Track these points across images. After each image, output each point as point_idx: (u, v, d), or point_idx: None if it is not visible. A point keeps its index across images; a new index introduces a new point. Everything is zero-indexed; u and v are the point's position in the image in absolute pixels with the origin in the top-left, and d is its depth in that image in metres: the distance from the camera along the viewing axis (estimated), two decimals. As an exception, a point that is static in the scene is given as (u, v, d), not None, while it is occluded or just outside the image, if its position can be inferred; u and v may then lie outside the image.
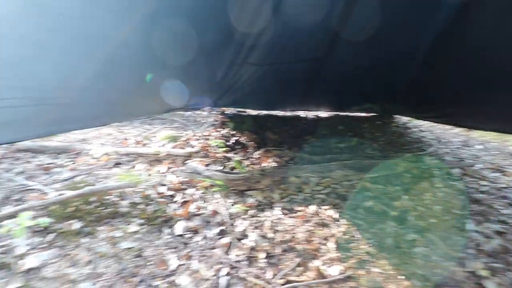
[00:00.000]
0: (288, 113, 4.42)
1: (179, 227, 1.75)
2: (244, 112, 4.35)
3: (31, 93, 1.19)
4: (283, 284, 1.37)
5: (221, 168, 2.35)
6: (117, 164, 2.43)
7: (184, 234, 1.71)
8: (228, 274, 1.44)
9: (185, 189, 2.14)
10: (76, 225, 1.65)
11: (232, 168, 2.37)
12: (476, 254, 1.58)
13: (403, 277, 1.42)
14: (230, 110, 4.29)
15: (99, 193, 1.90)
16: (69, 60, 1.25)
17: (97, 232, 1.65)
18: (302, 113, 4.50)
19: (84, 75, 1.29)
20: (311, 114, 4.50)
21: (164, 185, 2.16)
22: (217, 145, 2.80)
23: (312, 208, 1.95)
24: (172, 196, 2.06)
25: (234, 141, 3.11)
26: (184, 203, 1.96)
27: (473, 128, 2.96)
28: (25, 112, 1.19)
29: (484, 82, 2.25)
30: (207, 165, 2.41)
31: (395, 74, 2.96)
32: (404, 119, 4.03)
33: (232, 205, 1.96)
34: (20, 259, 1.41)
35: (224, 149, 2.75)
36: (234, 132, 3.36)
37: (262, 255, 1.55)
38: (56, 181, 2.08)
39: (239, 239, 1.67)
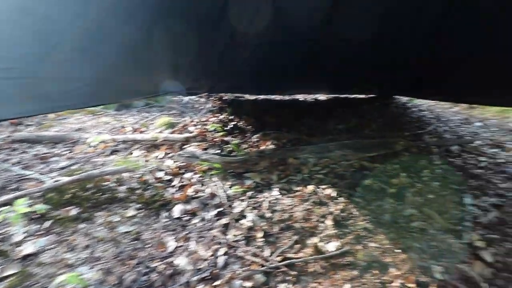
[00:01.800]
0: (287, 97, 4.39)
1: (177, 210, 1.76)
2: (242, 97, 4.33)
3: (11, 64, 1.15)
4: (280, 261, 1.38)
5: (219, 151, 2.34)
6: (114, 152, 2.43)
7: (182, 217, 1.72)
8: (225, 253, 1.45)
9: (183, 173, 2.14)
10: (73, 211, 1.66)
11: (230, 152, 2.36)
12: (473, 227, 1.58)
13: (399, 250, 1.43)
14: (228, 96, 4.27)
15: (96, 179, 1.90)
16: (52, 29, 1.20)
17: (95, 217, 1.66)
18: (300, 97, 4.46)
19: (68, 47, 1.25)
20: (310, 97, 4.46)
21: (162, 170, 2.16)
22: (215, 130, 2.79)
23: (310, 188, 1.94)
24: (170, 180, 2.06)
25: (232, 125, 3.10)
26: (182, 187, 1.97)
27: (474, 103, 2.92)
28: (6, 85, 1.15)
29: (485, 56, 2.20)
30: (205, 149, 2.40)
31: (394, 53, 2.89)
32: (404, 99, 3.99)
33: (230, 187, 1.96)
34: (17, 246, 1.42)
35: (222, 133, 2.74)
36: (232, 117, 3.34)
37: (259, 234, 1.55)
38: (53, 170, 2.08)
39: (237, 220, 1.68)
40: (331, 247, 1.46)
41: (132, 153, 2.43)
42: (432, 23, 2.48)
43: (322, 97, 4.38)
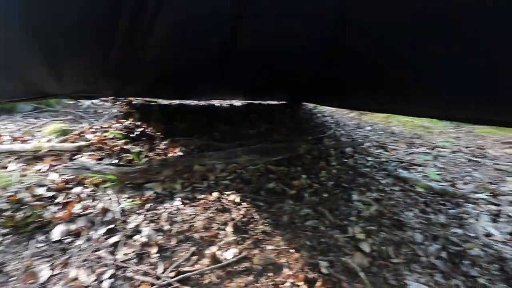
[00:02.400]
0: (202, 102, 4.32)
1: (57, 231, 1.52)
2: (155, 101, 4.10)
3: None
4: (174, 277, 1.30)
5: (116, 161, 2.13)
6: (-20, 166, 1.99)
7: (63, 239, 1.49)
8: (112, 276, 1.30)
9: (71, 188, 1.87)
10: None
11: (130, 161, 2.17)
12: (356, 221, 1.77)
13: (293, 250, 1.50)
14: (138, 100, 3.99)
15: None
16: None
17: None
18: (216, 102, 4.45)
19: None
20: (225, 103, 4.48)
21: (43, 185, 1.86)
22: (115, 137, 2.54)
23: (215, 195, 1.91)
24: (52, 197, 1.78)
25: (138, 132, 2.87)
26: (67, 203, 1.71)
27: (366, 110, 3.32)
28: None
29: (372, 69, 2.50)
30: (99, 159, 2.16)
31: (295, 62, 3.10)
32: (311, 105, 4.33)
33: (126, 200, 1.79)
34: None
35: (123, 141, 2.51)
36: (140, 123, 3.12)
37: (154, 249, 1.44)
38: None
39: (130, 236, 1.53)
40: (229, 254, 1.45)
41: (6, 167, 2.03)
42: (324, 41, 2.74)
43: (237, 103, 4.45)
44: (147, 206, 1.76)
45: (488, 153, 3.01)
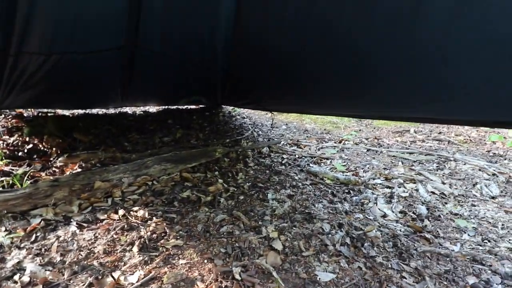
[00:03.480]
0: (112, 110, 3.94)
1: None
2: (52, 112, 3.58)
3: None
4: (64, 317, 1.11)
5: (-10, 188, 1.76)
6: None
7: None
8: (-22, 332, 1.05)
9: None
10: None
11: (11, 186, 1.82)
12: (270, 220, 1.80)
13: (207, 260, 1.44)
14: (29, 112, 3.42)
15: None
16: None
17: None
18: (129, 109, 4.12)
19: None
20: (139, 109, 4.18)
21: None
22: (-8, 159, 2.11)
23: (120, 213, 1.73)
24: None
25: (27, 149, 2.46)
26: None
27: (277, 111, 3.47)
28: None
29: (276, 70, 2.61)
30: (-33, 187, 1.76)
31: (205, 65, 3.07)
32: (230, 108, 4.34)
33: (4, 233, 1.49)
34: None
35: (3, 162, 2.10)
36: (30, 138, 2.67)
37: (39, 288, 1.22)
38: None
39: (9, 278, 1.27)
40: (135, 278, 1.31)
41: None
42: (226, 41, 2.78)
43: (153, 108, 4.20)
44: (33, 237, 1.49)
45: (384, 142, 3.45)
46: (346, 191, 2.29)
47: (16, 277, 1.27)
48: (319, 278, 1.42)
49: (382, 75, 1.67)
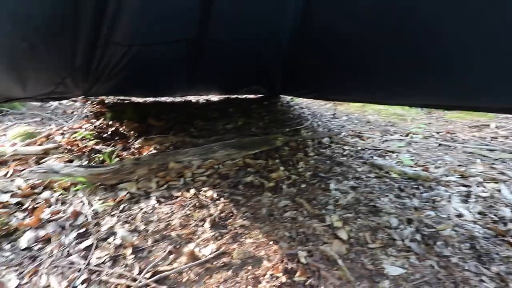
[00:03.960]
0: (178, 99, 4.23)
1: (25, 239, 1.44)
2: (128, 100, 3.98)
3: None
4: (151, 277, 1.26)
5: (86, 163, 2.04)
6: None
7: (32, 246, 1.42)
8: (85, 281, 1.25)
9: (39, 193, 1.78)
10: None
11: (102, 162, 2.09)
12: (334, 209, 1.79)
13: (272, 242, 1.50)
14: (110, 99, 3.85)
15: None
16: None
17: None
18: (193, 98, 4.37)
19: None
20: (202, 98, 4.41)
21: (8, 192, 1.75)
22: (85, 138, 2.44)
23: (192, 192, 1.88)
24: (18, 204, 1.69)
25: (111, 132, 2.78)
26: (34, 209, 1.63)
27: (338, 100, 3.37)
28: None
29: (341, 58, 2.53)
30: (69, 161, 2.06)
31: (269, 55, 3.10)
32: (288, 98, 4.34)
33: (99, 202, 1.73)
34: None
35: (94, 141, 2.41)
36: (113, 122, 3.01)
37: (129, 251, 1.40)
38: None
39: (104, 239, 1.47)
40: (208, 251, 1.42)
41: (-35, 175, 1.90)
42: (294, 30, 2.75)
43: (215, 97, 4.39)
44: (121, 207, 1.70)
45: (458, 137, 3.14)
46: (415, 186, 2.15)
47: (110, 239, 1.47)
48: (387, 271, 1.38)
49: (466, 61, 1.53)
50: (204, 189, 1.92)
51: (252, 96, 4.38)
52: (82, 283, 1.24)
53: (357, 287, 1.29)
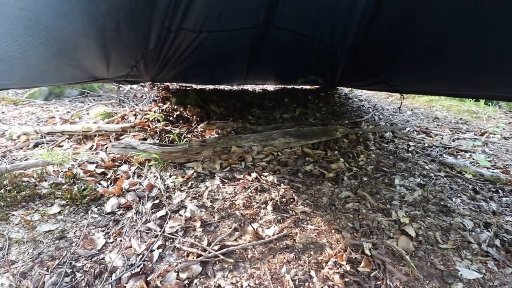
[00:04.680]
0: (235, 87, 4.34)
1: (110, 204, 1.62)
2: (190, 86, 4.18)
3: None
4: (218, 249, 1.35)
5: (158, 141, 2.22)
6: (38, 144, 2.17)
7: (115, 211, 1.59)
8: (161, 246, 1.37)
9: (118, 165, 1.99)
10: (-19, 211, 1.44)
11: (172, 141, 2.25)
12: (399, 205, 1.71)
13: (334, 231, 1.49)
14: (174, 85, 4.09)
15: (9, 174, 1.67)
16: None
17: (10, 217, 1.46)
18: (249, 87, 4.45)
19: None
20: (258, 87, 4.47)
21: (93, 163, 1.99)
22: (156, 119, 2.64)
23: (253, 175, 1.94)
24: (103, 173, 1.90)
25: (176, 115, 2.97)
26: (116, 179, 1.82)
27: (404, 92, 3.16)
28: None
29: (414, 48, 2.37)
30: (143, 139, 2.26)
31: (334, 44, 3.00)
32: (346, 90, 4.19)
33: (170, 178, 1.87)
34: None
35: (163, 123, 2.60)
36: (177, 106, 3.20)
37: (198, 224, 1.50)
38: (-42, 166, 1.79)
39: (175, 211, 1.60)
40: (270, 232, 1.47)
41: (60, 146, 2.19)
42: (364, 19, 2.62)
43: (270, 87, 4.42)
44: (189, 184, 1.83)
45: (546, 140, 2.76)
46: (493, 189, 1.95)
47: (181, 212, 1.59)
48: (461, 274, 1.29)
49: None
50: (265, 174, 1.96)
51: (307, 86, 4.32)
52: (158, 247, 1.37)
53: (426, 286, 1.23)
